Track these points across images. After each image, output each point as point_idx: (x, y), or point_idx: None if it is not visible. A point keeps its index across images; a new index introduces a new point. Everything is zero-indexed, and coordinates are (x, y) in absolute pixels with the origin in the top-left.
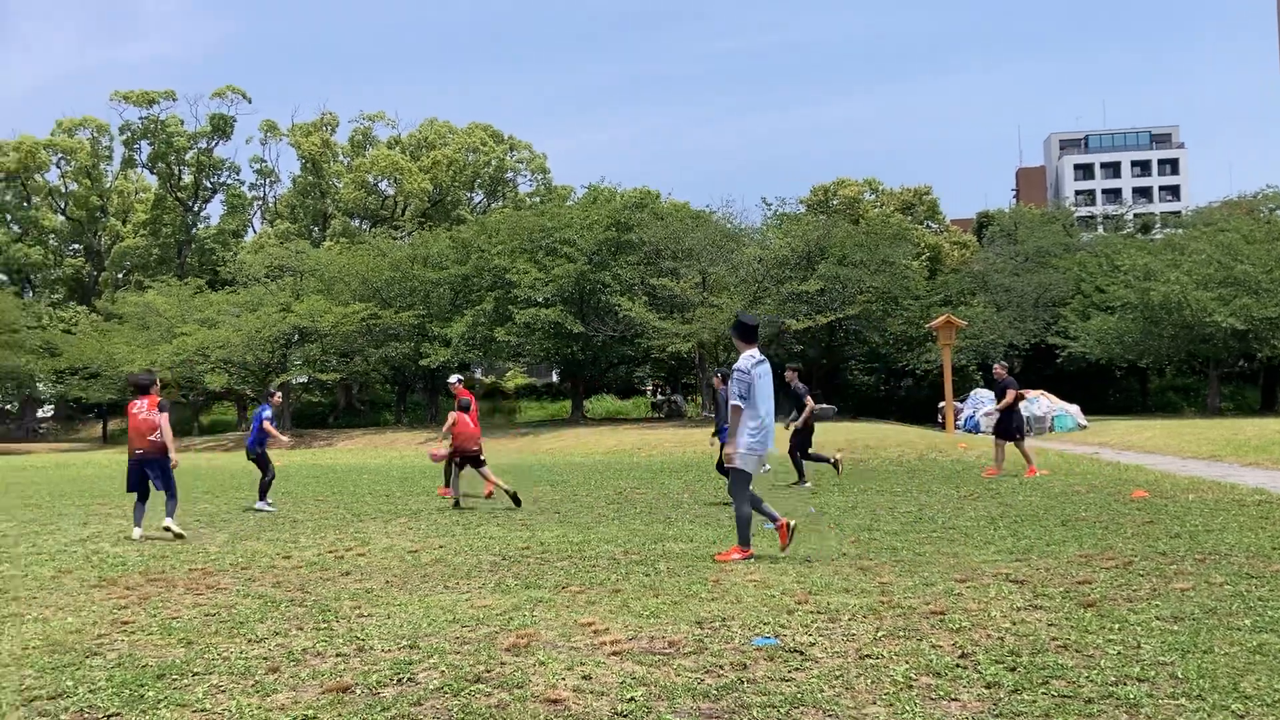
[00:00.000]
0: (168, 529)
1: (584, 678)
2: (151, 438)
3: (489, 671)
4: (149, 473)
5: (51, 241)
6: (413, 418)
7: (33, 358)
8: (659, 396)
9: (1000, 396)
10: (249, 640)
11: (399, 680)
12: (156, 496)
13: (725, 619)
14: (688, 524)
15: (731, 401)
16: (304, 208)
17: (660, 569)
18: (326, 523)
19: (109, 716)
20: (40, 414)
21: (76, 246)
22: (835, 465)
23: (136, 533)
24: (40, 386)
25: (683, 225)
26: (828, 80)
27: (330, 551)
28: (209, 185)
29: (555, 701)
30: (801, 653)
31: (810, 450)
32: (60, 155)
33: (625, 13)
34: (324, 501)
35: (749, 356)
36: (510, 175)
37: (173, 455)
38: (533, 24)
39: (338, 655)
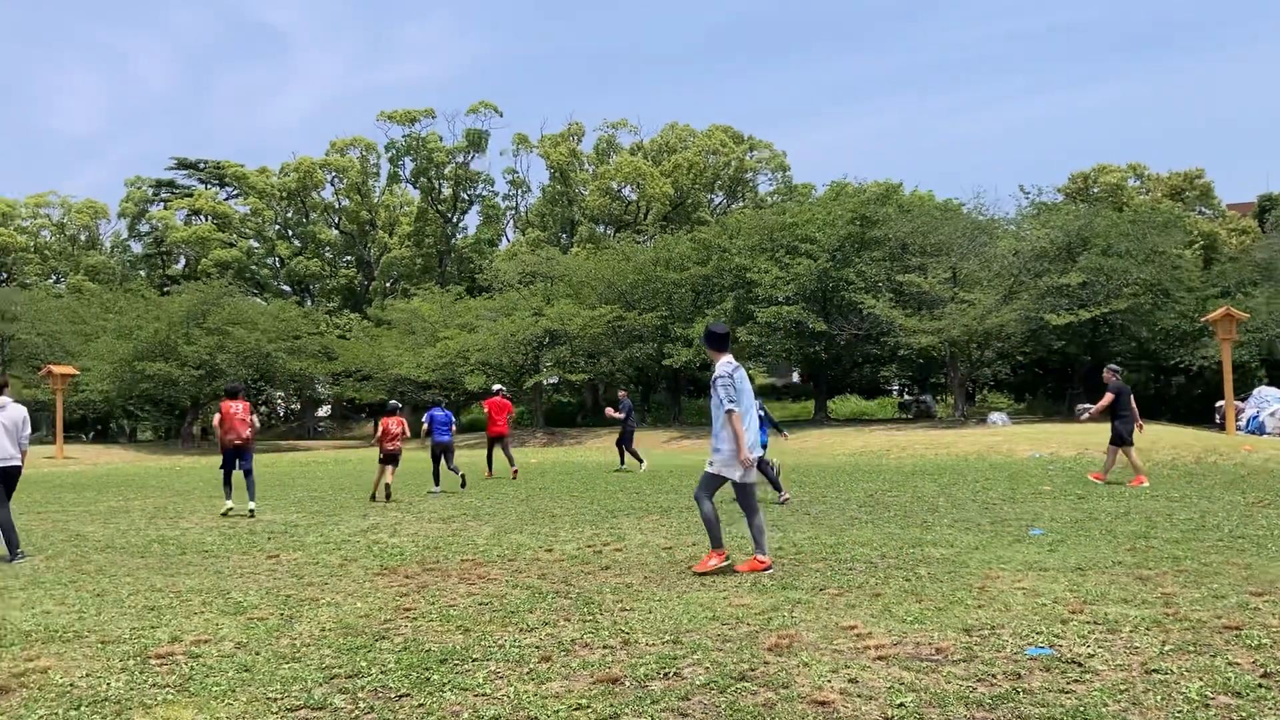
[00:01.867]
0: (250, 511)
1: (850, 681)
2: (245, 433)
3: (753, 670)
4: (239, 459)
5: (327, 254)
6: (655, 417)
7: (312, 361)
8: (906, 396)
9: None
10: (521, 629)
11: (665, 674)
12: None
13: (994, 627)
14: (946, 528)
15: (726, 407)
16: (553, 215)
17: (921, 574)
18: (583, 518)
19: (400, 696)
20: (319, 413)
21: (349, 258)
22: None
23: (227, 505)
24: (319, 388)
25: (930, 218)
26: (1084, 63)
27: (589, 546)
28: (466, 197)
29: (823, 703)
30: (1080, 664)
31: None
32: (334, 173)
33: (868, 6)
34: (579, 498)
35: (727, 363)
36: (750, 175)
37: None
38: (773, 23)
39: (604, 647)
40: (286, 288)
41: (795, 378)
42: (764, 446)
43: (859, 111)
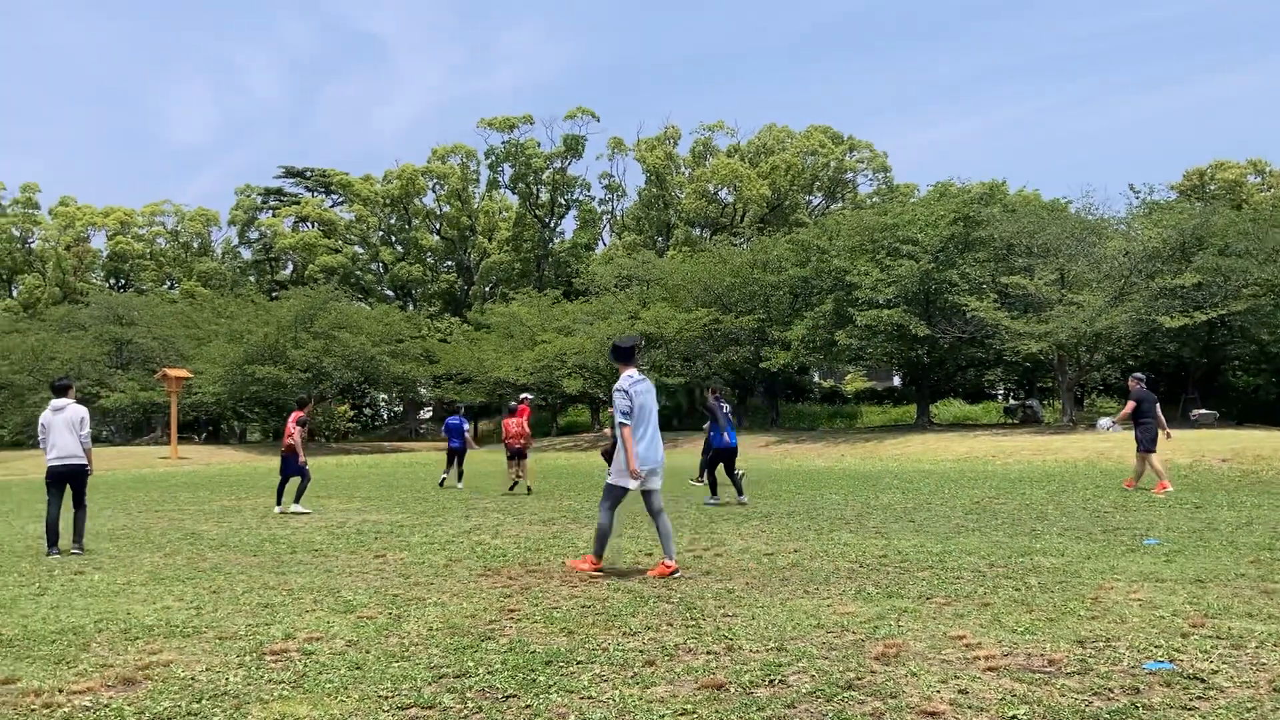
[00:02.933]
0: (295, 510)
1: (960, 692)
2: (289, 441)
3: (859, 679)
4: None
5: (428, 259)
6: (752, 421)
7: (415, 364)
8: (1012, 401)
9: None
10: (624, 633)
11: (770, 681)
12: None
13: (1110, 639)
14: (1056, 537)
15: (618, 419)
16: (649, 219)
17: (1031, 584)
18: (682, 523)
19: (507, 697)
20: (421, 415)
21: (450, 263)
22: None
23: (277, 509)
24: (421, 390)
25: (1036, 218)
26: (1199, 55)
27: (689, 551)
28: (563, 202)
29: (932, 714)
30: (1203, 680)
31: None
32: (435, 180)
33: (969, 4)
34: (676, 502)
35: (628, 376)
36: (849, 176)
37: (302, 456)
38: (873, 20)
39: (708, 652)
40: (390, 292)
41: (896, 381)
42: (735, 448)
43: (962, 110)
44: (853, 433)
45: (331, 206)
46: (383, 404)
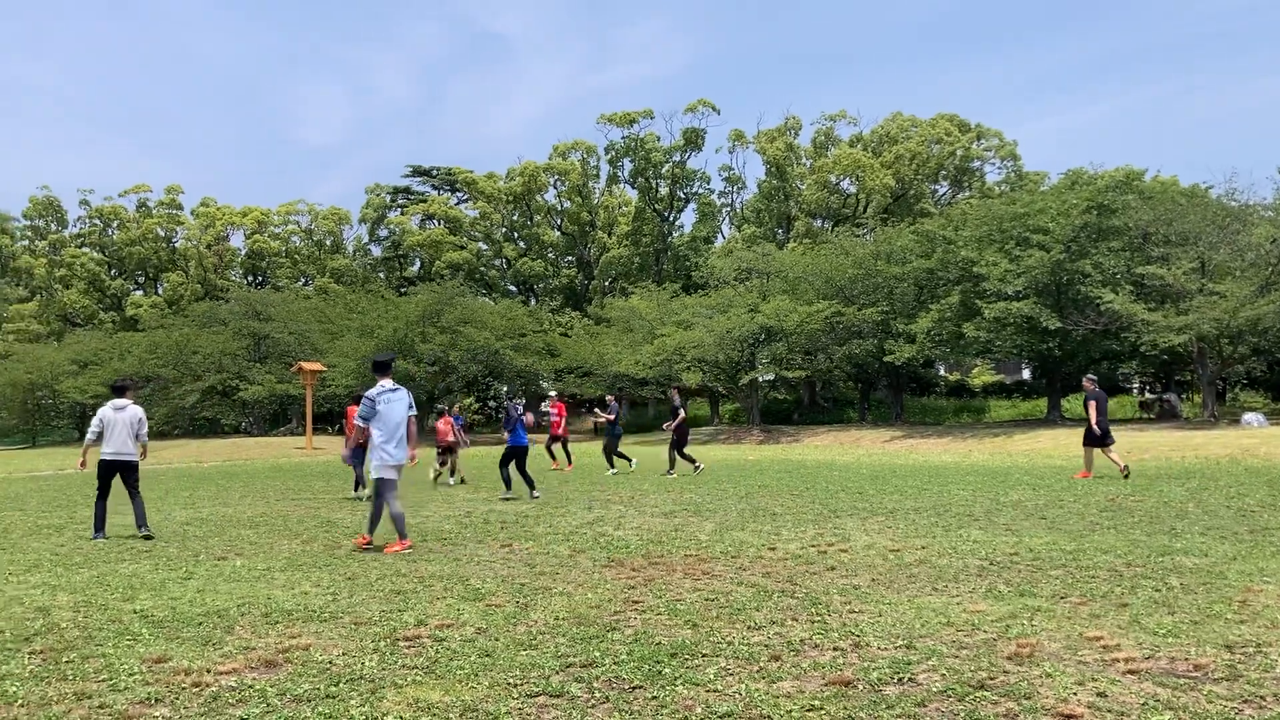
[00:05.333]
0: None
1: (1098, 695)
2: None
3: (992, 679)
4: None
5: (550, 255)
6: (876, 415)
7: (537, 358)
8: (1148, 395)
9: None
10: (749, 627)
11: (899, 679)
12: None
13: (1260, 644)
14: (1198, 536)
15: (356, 421)
16: (769, 211)
17: (1172, 584)
18: (804, 517)
19: (634, 688)
20: (543, 408)
21: (570, 258)
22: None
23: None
24: (543, 384)
25: (1174, 206)
26: None
27: (812, 546)
28: (682, 195)
29: (1069, 717)
30: None
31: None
32: (556, 177)
33: None
34: (799, 496)
35: (379, 387)
36: (977, 164)
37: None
38: (1000, 4)
39: (835, 649)
40: (512, 288)
41: (1025, 375)
42: (526, 447)
43: (1096, 93)
44: (980, 427)
45: (457, 204)
46: (506, 397)
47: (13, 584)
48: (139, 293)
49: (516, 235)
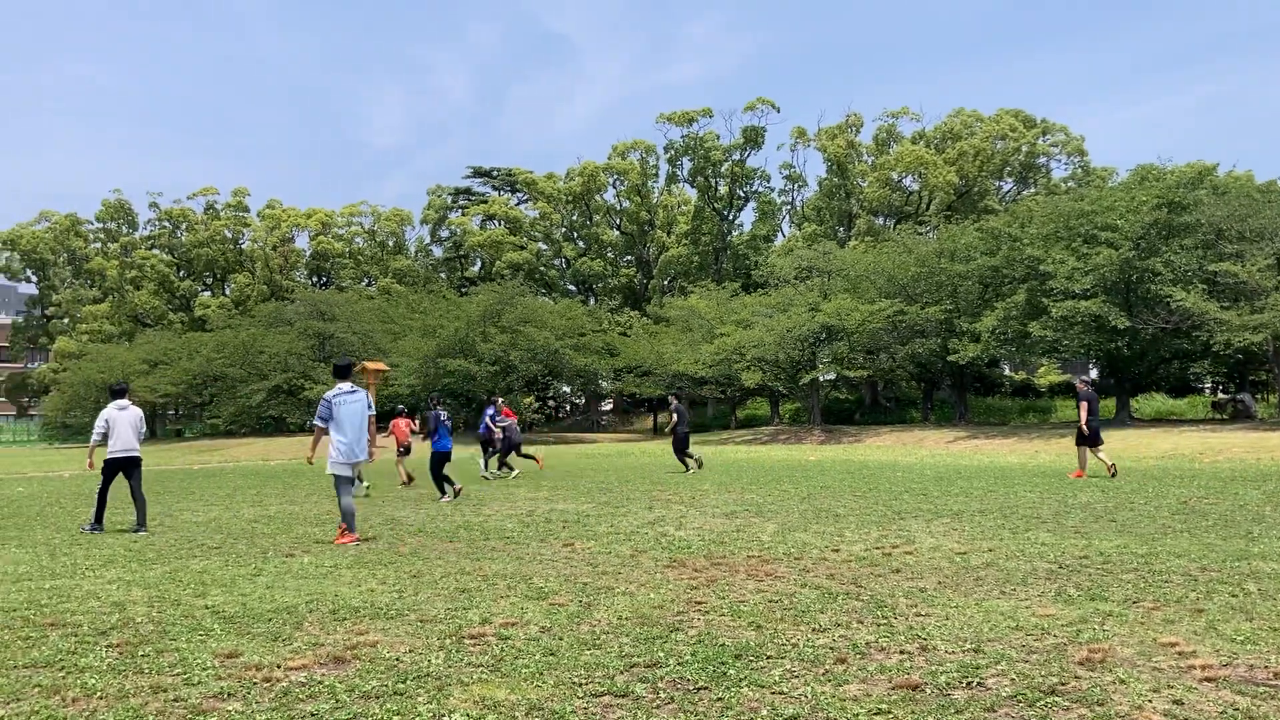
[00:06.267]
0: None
1: (1174, 702)
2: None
3: (1063, 684)
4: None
5: (609, 254)
6: (940, 415)
7: (596, 357)
8: (1221, 395)
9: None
10: (813, 629)
11: (968, 683)
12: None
13: None
14: (1276, 541)
15: (315, 422)
16: (830, 209)
17: (1249, 590)
18: (869, 519)
19: (698, 689)
20: (602, 407)
21: (629, 258)
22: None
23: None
24: (602, 383)
25: (1249, 201)
26: None
27: (877, 548)
28: (742, 194)
29: None
30: None
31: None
32: (615, 176)
33: None
34: (862, 497)
35: (337, 389)
36: (1042, 160)
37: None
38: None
39: (901, 652)
40: (572, 287)
41: (1093, 374)
42: (449, 453)
43: (1167, 87)
44: (1046, 428)
45: (517, 204)
46: (565, 396)
47: (89, 579)
48: (207, 293)
49: (576, 235)
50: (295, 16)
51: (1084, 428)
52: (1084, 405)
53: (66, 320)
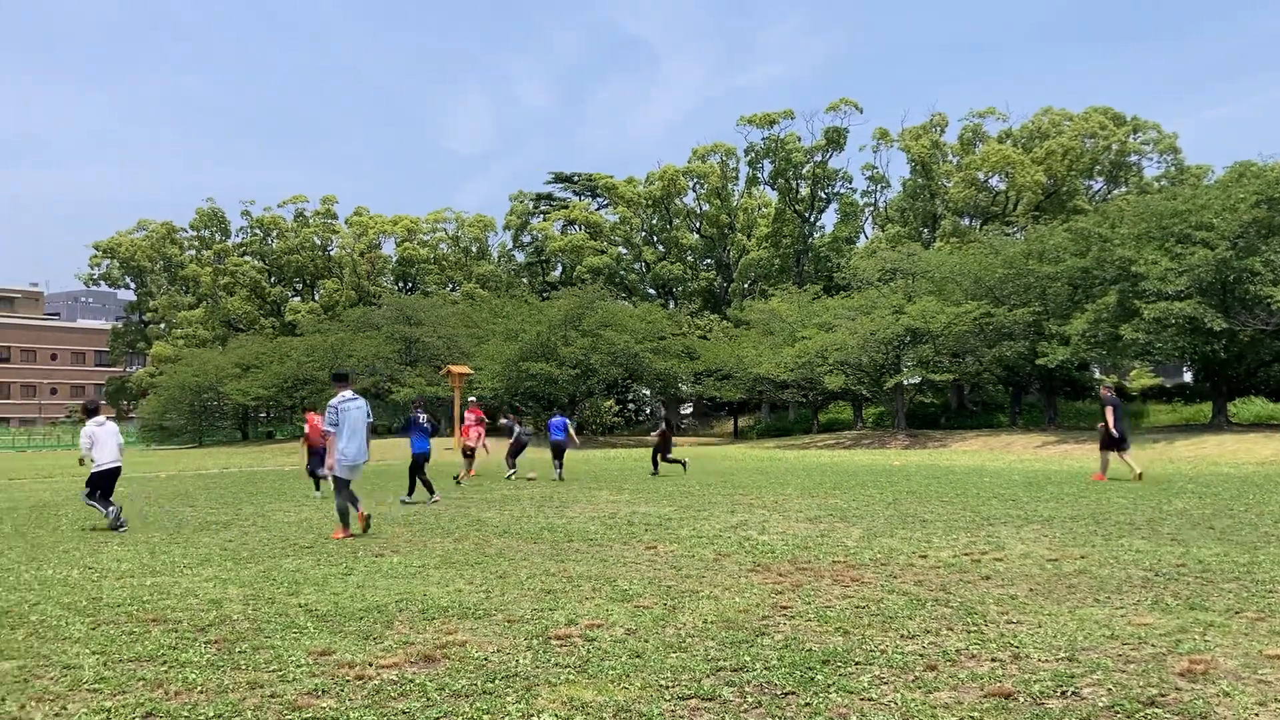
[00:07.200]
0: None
1: None
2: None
3: (1163, 695)
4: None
5: (688, 258)
6: (1027, 419)
7: (676, 361)
8: None
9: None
10: (901, 636)
11: (1062, 692)
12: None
13: None
14: None
15: (325, 428)
16: (913, 210)
17: None
18: (956, 524)
19: (786, 694)
20: (682, 411)
21: (709, 261)
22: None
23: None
24: (682, 386)
25: None
26: None
27: (965, 554)
28: (823, 196)
29: None
30: None
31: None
32: (695, 180)
33: None
34: (949, 503)
35: (340, 396)
36: (1133, 159)
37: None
38: None
39: (993, 660)
40: (652, 291)
41: (1187, 377)
42: (428, 453)
43: (1265, 82)
44: (1139, 432)
45: (597, 209)
46: (645, 399)
47: (187, 577)
48: (296, 299)
49: (656, 239)
50: (382, 28)
51: (1113, 431)
52: (1109, 411)
53: (163, 325)
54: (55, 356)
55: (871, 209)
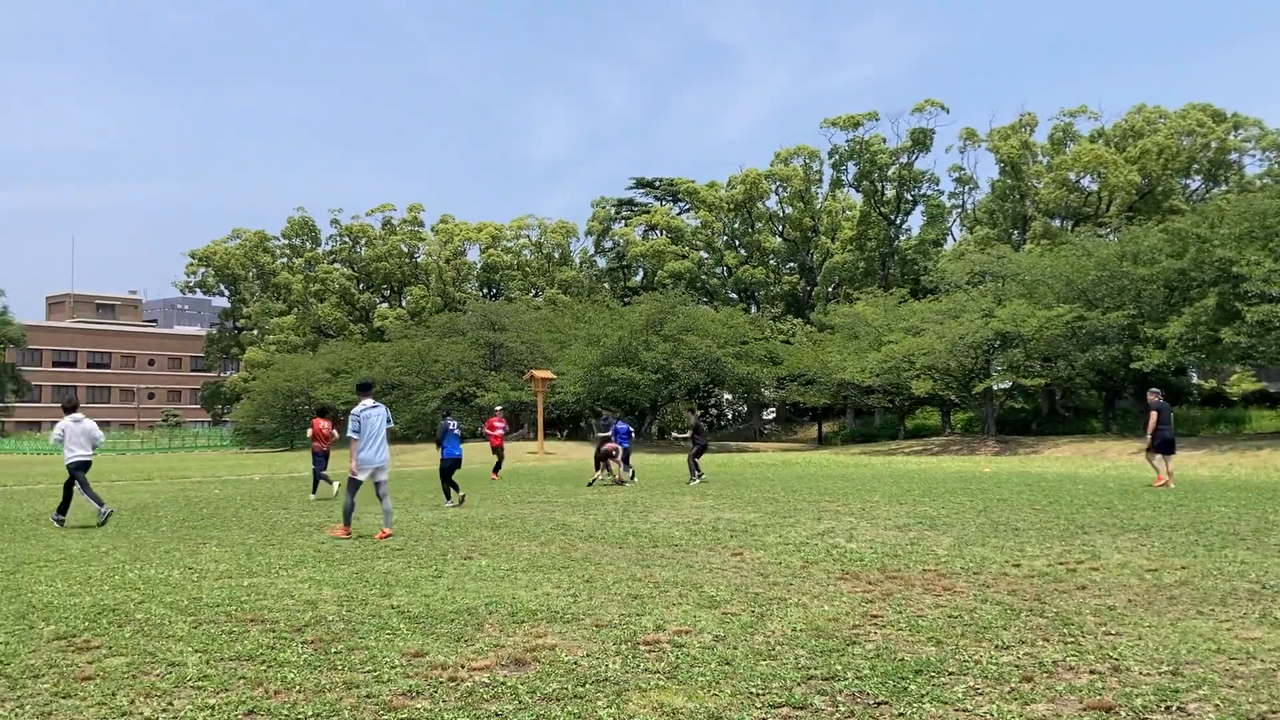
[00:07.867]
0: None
1: None
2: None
3: (1273, 712)
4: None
5: (771, 262)
6: (1122, 425)
7: (759, 365)
8: None
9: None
10: (996, 646)
11: (1166, 708)
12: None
13: None
14: None
15: (348, 435)
16: (1003, 211)
17: None
18: (1049, 532)
19: (879, 704)
20: (765, 416)
21: (792, 265)
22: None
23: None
24: (765, 391)
25: None
26: None
27: (1060, 563)
28: (909, 198)
29: None
30: None
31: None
32: (778, 183)
33: None
34: (1042, 510)
35: (362, 405)
36: (1234, 157)
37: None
38: None
39: (1091, 672)
40: (734, 295)
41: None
42: (459, 459)
43: None
44: (1240, 439)
45: (678, 214)
46: (728, 404)
47: (283, 578)
48: (384, 305)
49: (737, 243)
50: (466, 37)
51: (1151, 435)
52: (1154, 415)
53: (256, 331)
54: (153, 362)
55: (959, 211)
